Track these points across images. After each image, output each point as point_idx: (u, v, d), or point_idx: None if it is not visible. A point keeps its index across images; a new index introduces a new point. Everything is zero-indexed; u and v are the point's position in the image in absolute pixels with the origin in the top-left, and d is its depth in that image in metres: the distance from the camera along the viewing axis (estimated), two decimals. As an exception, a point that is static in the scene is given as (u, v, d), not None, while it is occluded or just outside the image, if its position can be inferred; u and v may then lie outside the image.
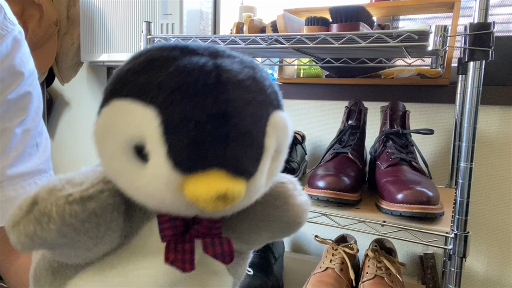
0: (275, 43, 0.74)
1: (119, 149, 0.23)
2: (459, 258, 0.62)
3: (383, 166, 0.76)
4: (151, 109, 0.22)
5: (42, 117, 0.55)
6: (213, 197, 0.21)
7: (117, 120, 0.23)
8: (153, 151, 0.22)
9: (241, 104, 0.22)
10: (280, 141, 0.25)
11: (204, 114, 0.21)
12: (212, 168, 0.22)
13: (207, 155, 0.22)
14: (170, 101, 0.22)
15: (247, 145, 0.22)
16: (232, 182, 0.22)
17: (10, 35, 0.48)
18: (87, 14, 1.20)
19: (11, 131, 0.49)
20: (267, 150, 0.24)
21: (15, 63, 0.48)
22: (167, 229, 0.26)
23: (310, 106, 1.12)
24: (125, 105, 0.23)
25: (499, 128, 0.94)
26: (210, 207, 0.22)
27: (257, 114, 0.23)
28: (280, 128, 0.25)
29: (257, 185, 0.24)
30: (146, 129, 0.22)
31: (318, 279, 0.81)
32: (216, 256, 0.26)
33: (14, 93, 0.48)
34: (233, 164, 0.22)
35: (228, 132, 0.22)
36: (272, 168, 0.26)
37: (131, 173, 0.23)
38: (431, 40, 0.58)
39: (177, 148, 0.22)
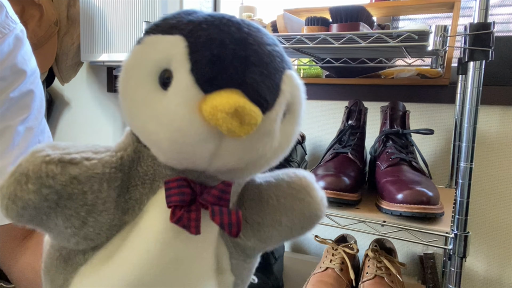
0: (275, 43, 0.74)
1: (145, 76, 0.24)
2: (459, 258, 0.62)
3: (383, 166, 0.76)
4: (178, 36, 0.24)
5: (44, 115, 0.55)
6: (231, 108, 0.22)
7: (146, 50, 0.25)
8: (177, 70, 0.23)
9: (261, 41, 0.24)
10: (294, 98, 0.26)
11: (228, 37, 0.23)
12: (231, 88, 0.23)
13: (227, 72, 0.23)
14: (197, 28, 0.24)
15: (265, 74, 0.24)
16: (250, 103, 0.23)
17: (12, 34, 0.48)
18: (87, 14, 1.20)
19: (14, 129, 0.49)
20: (283, 93, 0.25)
21: (17, 62, 0.49)
22: (174, 195, 0.26)
23: (310, 106, 1.12)
24: (155, 38, 0.25)
25: (499, 128, 0.94)
26: (227, 124, 0.22)
27: (275, 56, 0.25)
28: (293, 84, 0.26)
29: (272, 127, 0.24)
30: (173, 51, 0.24)
31: (318, 279, 0.81)
32: (223, 226, 0.26)
33: (17, 91, 0.49)
34: (251, 88, 0.23)
35: (249, 55, 0.23)
36: (287, 130, 0.26)
37: (152, 101, 0.24)
38: (431, 40, 0.59)
39: (200, 64, 0.23)
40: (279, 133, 0.26)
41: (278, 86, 0.25)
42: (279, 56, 0.25)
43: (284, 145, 0.27)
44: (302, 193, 0.30)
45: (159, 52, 0.24)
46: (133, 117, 0.26)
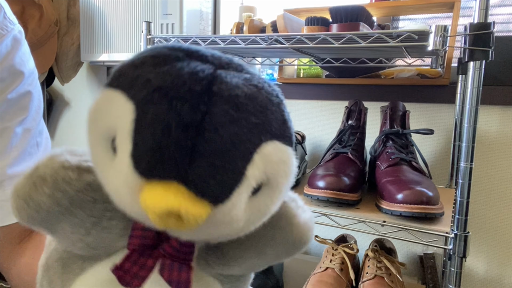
0: (275, 43, 0.74)
1: (99, 137, 0.23)
2: (459, 258, 0.62)
3: (383, 166, 0.76)
4: (131, 103, 0.21)
5: (42, 117, 0.55)
6: (163, 211, 0.19)
7: (102, 108, 0.23)
8: (120, 147, 0.22)
9: (223, 120, 0.20)
10: (271, 176, 0.22)
11: (175, 120, 0.20)
12: (172, 181, 0.20)
13: (167, 164, 0.20)
14: (149, 99, 0.20)
15: (218, 166, 0.20)
16: (191, 202, 0.20)
17: (10, 35, 0.48)
18: (87, 14, 1.20)
19: (12, 130, 0.49)
20: (246, 180, 0.21)
21: (15, 63, 0.48)
22: (136, 237, 0.25)
23: (310, 106, 1.12)
24: (113, 95, 0.22)
25: (499, 128, 0.94)
26: (160, 223, 0.20)
27: (242, 137, 0.21)
28: (273, 161, 0.22)
29: (229, 216, 0.22)
30: (120, 122, 0.21)
31: (318, 279, 0.81)
32: (170, 283, 0.24)
33: (14, 92, 0.49)
34: (197, 183, 0.20)
35: (198, 144, 0.20)
36: (260, 203, 0.23)
37: (104, 164, 0.23)
38: (431, 40, 0.58)
39: (140, 150, 0.20)
40: (248, 209, 0.23)
41: (240, 174, 0.21)
42: (255, 130, 0.21)
43: (255, 220, 0.24)
44: (283, 220, 0.27)
45: (110, 118, 0.22)
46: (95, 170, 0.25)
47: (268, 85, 0.23)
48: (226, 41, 0.76)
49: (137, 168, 0.20)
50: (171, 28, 1.06)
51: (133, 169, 0.21)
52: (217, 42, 0.77)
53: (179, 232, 0.22)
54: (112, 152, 0.22)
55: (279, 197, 0.24)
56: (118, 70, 0.23)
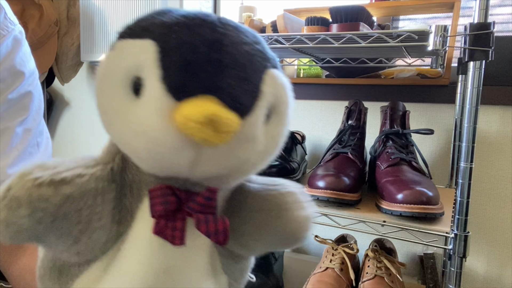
0: (275, 43, 0.74)
1: (117, 84, 0.23)
2: (459, 258, 0.62)
3: (383, 166, 0.76)
4: (149, 40, 0.22)
5: (43, 117, 0.55)
6: (203, 118, 0.20)
7: (117, 57, 0.24)
8: (148, 77, 0.22)
9: (238, 41, 0.23)
10: (278, 99, 0.25)
11: (200, 40, 0.22)
12: (205, 95, 0.21)
13: (199, 78, 0.21)
14: (169, 31, 0.22)
15: (242, 77, 0.22)
16: (224, 110, 0.21)
17: (10, 35, 0.48)
18: (87, 14, 1.20)
19: (12, 130, 0.49)
20: (263, 95, 0.23)
21: (15, 63, 0.48)
22: (158, 204, 0.25)
23: (310, 106, 1.12)
24: (126, 43, 0.23)
25: (499, 128, 0.94)
26: (200, 134, 0.21)
27: (254, 55, 0.23)
28: (277, 83, 0.25)
29: (253, 131, 0.23)
30: (143, 57, 0.22)
31: (318, 279, 0.81)
32: (209, 234, 0.25)
33: (15, 92, 0.49)
34: (226, 93, 0.22)
35: (223, 58, 0.22)
36: (273, 133, 0.25)
37: (126, 109, 0.23)
38: (431, 40, 0.58)
39: (171, 71, 0.22)
40: (264, 136, 0.24)
41: (258, 88, 0.23)
42: (259, 55, 0.24)
43: (271, 148, 0.26)
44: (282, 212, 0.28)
45: (130, 59, 0.23)
46: (110, 127, 0.25)
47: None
48: (226, 41, 0.76)
49: (170, 89, 0.21)
50: (171, 28, 1.06)
51: (165, 92, 0.22)
52: (217, 42, 0.76)
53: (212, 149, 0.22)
54: (133, 94, 0.23)
55: (285, 125, 0.26)
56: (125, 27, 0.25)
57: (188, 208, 0.25)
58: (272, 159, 0.27)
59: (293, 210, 0.28)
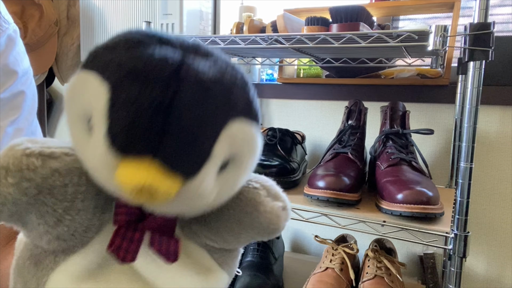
0: (275, 43, 0.74)
1: (76, 116, 0.24)
2: (459, 258, 0.62)
3: (383, 166, 0.76)
4: (105, 85, 0.23)
5: (42, 117, 0.55)
6: (136, 186, 0.21)
7: (78, 89, 0.24)
8: (96, 126, 0.23)
9: (190, 102, 0.22)
10: (237, 153, 0.24)
11: (147, 101, 0.21)
12: (145, 156, 0.22)
13: (140, 140, 0.22)
14: (122, 81, 0.22)
15: (186, 143, 0.22)
16: (162, 177, 0.22)
17: (4, 34, 0.48)
18: (87, 14, 1.20)
19: (3, 130, 0.48)
20: (213, 157, 0.23)
21: (8, 62, 0.48)
22: (122, 214, 0.26)
23: (310, 106, 1.12)
24: (87, 77, 0.24)
25: (499, 128, 0.94)
26: (134, 198, 0.22)
27: (208, 117, 0.22)
28: (238, 139, 0.24)
29: (199, 189, 0.23)
30: (95, 103, 0.23)
31: (318, 279, 0.81)
32: (160, 253, 0.26)
33: (7, 92, 0.48)
34: (168, 158, 0.22)
35: (167, 126, 0.22)
36: (228, 179, 0.25)
37: (82, 142, 0.24)
38: (431, 40, 0.58)
39: (115, 128, 0.22)
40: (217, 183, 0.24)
41: (208, 151, 0.23)
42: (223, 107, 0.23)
43: (226, 192, 0.26)
44: (250, 206, 0.28)
45: (86, 98, 0.24)
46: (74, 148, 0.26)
47: (232, 68, 0.25)
48: (226, 41, 0.76)
49: (113, 146, 0.22)
50: (171, 28, 1.06)
51: (108, 147, 0.22)
52: (217, 42, 0.77)
53: (153, 206, 0.24)
54: (88, 131, 0.24)
55: (245, 172, 0.26)
56: (93, 52, 0.25)
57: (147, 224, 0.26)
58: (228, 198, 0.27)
59: (265, 203, 0.29)
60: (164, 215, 0.26)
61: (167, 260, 0.26)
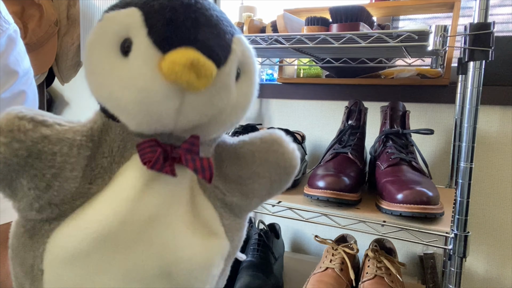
0: (275, 43, 0.74)
1: (107, 47, 0.27)
2: (459, 258, 0.62)
3: (383, 166, 0.76)
4: (133, 8, 0.26)
5: None
6: (187, 61, 0.24)
7: (105, 25, 0.27)
8: (136, 35, 0.26)
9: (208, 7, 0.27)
10: (246, 58, 0.29)
11: (178, 3, 0.26)
12: (186, 46, 0.25)
13: (180, 32, 0.25)
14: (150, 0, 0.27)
15: (215, 34, 0.27)
16: (204, 57, 0.25)
17: (4, 34, 0.48)
18: (87, 14, 1.20)
19: None
20: (234, 52, 0.28)
21: (9, 62, 0.48)
22: (148, 153, 0.28)
23: (310, 106, 1.12)
24: (113, 14, 0.27)
25: (499, 128, 0.94)
26: (185, 77, 0.24)
27: (222, 20, 0.28)
28: (244, 46, 0.29)
29: (227, 80, 0.27)
30: (130, 20, 0.26)
31: (318, 279, 0.81)
32: (196, 170, 0.28)
33: (8, 92, 0.48)
34: (204, 45, 0.25)
35: (198, 17, 0.26)
36: (243, 89, 0.29)
37: (116, 68, 0.26)
38: (431, 40, 0.58)
39: (156, 28, 0.25)
40: (236, 91, 0.28)
41: (229, 45, 0.28)
42: (226, 21, 0.29)
43: (242, 103, 0.30)
44: (275, 145, 0.33)
45: (118, 24, 0.27)
46: (100, 88, 0.28)
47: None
48: (226, 41, 0.76)
49: (156, 41, 0.25)
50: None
51: (152, 45, 0.25)
52: (217, 42, 0.76)
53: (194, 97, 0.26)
54: (122, 55, 0.26)
55: (254, 84, 0.31)
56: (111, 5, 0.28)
57: (175, 154, 0.28)
58: (244, 116, 0.31)
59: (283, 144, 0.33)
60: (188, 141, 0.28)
61: (204, 176, 0.28)
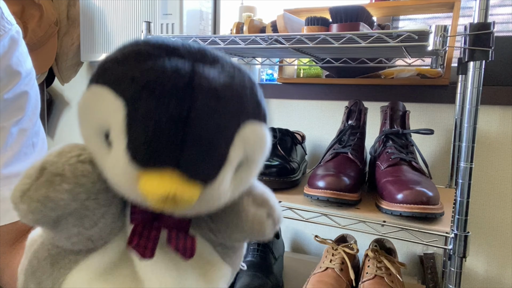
0: (275, 43, 0.74)
1: (92, 131, 0.25)
2: (459, 258, 0.62)
3: (383, 166, 0.76)
4: (120, 100, 0.23)
5: (42, 117, 0.55)
6: (161, 197, 0.22)
7: (91, 105, 0.25)
8: (115, 141, 0.24)
9: (206, 112, 0.23)
10: (250, 153, 0.25)
11: (165, 116, 0.22)
12: (167, 168, 0.22)
13: (161, 154, 0.22)
14: (138, 96, 0.23)
15: (205, 151, 0.23)
16: (184, 185, 0.22)
17: (7, 35, 0.48)
18: (87, 14, 1.20)
19: (7, 130, 0.49)
20: (230, 160, 0.24)
21: (12, 63, 0.48)
22: (138, 213, 0.27)
23: (310, 106, 1.12)
24: (101, 92, 0.24)
25: (499, 128, 0.94)
26: (159, 206, 0.23)
27: (223, 124, 0.23)
28: (251, 140, 0.25)
29: (217, 192, 0.24)
30: (112, 118, 0.23)
31: (318, 279, 0.81)
32: (177, 250, 0.27)
33: (11, 92, 0.48)
34: (188, 167, 0.23)
35: (185, 137, 0.22)
36: (242, 177, 0.26)
37: (101, 155, 0.25)
38: (431, 40, 0.58)
39: (135, 143, 0.22)
40: (232, 181, 0.25)
41: (224, 156, 0.24)
42: (238, 111, 0.24)
43: (238, 190, 0.27)
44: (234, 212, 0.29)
45: (101, 114, 0.24)
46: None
47: (239, 71, 0.26)
48: (226, 41, 0.76)
49: (134, 159, 0.23)
50: (171, 28, 1.06)
51: (129, 160, 0.23)
52: (217, 42, 0.77)
53: (174, 211, 0.24)
54: (106, 145, 0.24)
55: (256, 169, 0.27)
56: (102, 66, 0.25)
57: (164, 222, 0.27)
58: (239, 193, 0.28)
59: (247, 210, 0.29)
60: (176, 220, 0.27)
61: (183, 256, 0.27)
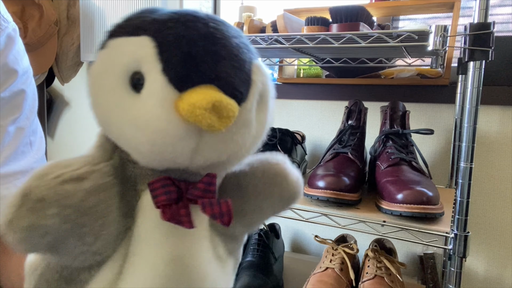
0: (275, 43, 0.74)
1: (115, 81, 0.24)
2: (459, 258, 0.62)
3: (383, 166, 0.76)
4: (145, 37, 0.24)
5: (42, 117, 0.55)
6: (209, 104, 0.22)
7: (113, 55, 0.24)
8: (148, 71, 0.23)
9: (229, 35, 0.25)
10: (264, 87, 0.27)
11: (196, 33, 0.23)
12: (205, 84, 0.23)
13: (199, 68, 0.23)
14: (164, 27, 0.23)
15: (236, 67, 0.24)
16: (226, 97, 0.23)
17: (3, 33, 0.48)
18: (87, 14, 1.20)
19: (4, 129, 0.48)
20: (254, 83, 0.25)
21: (8, 61, 0.48)
22: (160, 194, 0.26)
23: (310, 106, 1.12)
24: (120, 41, 0.24)
25: (499, 128, 0.94)
26: (206, 120, 0.22)
27: (242, 48, 0.25)
28: (263, 73, 0.27)
29: (248, 116, 0.25)
30: (141, 53, 0.23)
31: (318, 279, 0.81)
32: (214, 216, 0.26)
33: (8, 91, 0.48)
34: (225, 82, 0.23)
35: (219, 50, 0.23)
36: (261, 118, 0.27)
37: (126, 105, 0.24)
38: (431, 40, 0.58)
39: (171, 64, 0.23)
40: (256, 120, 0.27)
41: (250, 77, 0.25)
42: (246, 48, 0.26)
43: (260, 133, 0.28)
44: (278, 178, 0.31)
45: (127, 55, 0.24)
46: (109, 124, 0.25)
47: None
48: (226, 41, 0.76)
49: (172, 80, 0.23)
50: (171, 28, 1.06)
51: (167, 83, 0.23)
52: (217, 42, 0.76)
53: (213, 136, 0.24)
54: (132, 90, 0.24)
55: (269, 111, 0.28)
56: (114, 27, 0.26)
57: (190, 195, 0.26)
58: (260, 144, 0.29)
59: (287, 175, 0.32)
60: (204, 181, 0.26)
61: (222, 221, 0.26)
